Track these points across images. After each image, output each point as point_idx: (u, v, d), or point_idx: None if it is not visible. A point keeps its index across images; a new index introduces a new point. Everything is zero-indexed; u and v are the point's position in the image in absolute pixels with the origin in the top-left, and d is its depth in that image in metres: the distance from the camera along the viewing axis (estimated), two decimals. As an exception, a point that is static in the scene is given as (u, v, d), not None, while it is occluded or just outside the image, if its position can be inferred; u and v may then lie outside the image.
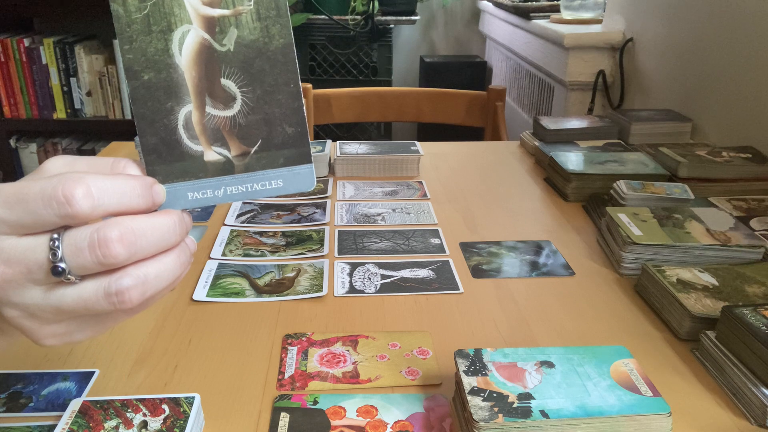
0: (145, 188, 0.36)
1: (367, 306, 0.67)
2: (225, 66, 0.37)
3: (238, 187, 0.38)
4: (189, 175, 0.38)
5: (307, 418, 0.50)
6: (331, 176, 1.05)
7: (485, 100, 1.56)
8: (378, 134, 2.70)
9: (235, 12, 0.37)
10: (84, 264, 0.33)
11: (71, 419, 0.47)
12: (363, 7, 2.42)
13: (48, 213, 0.33)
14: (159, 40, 0.36)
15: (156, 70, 0.37)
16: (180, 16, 0.36)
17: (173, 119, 0.37)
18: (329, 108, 1.58)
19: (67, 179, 0.33)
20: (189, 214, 0.38)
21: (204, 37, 0.37)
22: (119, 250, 0.33)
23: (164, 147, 0.37)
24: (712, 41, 1.19)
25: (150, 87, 0.37)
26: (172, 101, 0.37)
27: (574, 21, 1.80)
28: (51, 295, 0.34)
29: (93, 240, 0.33)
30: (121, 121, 2.34)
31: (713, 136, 1.17)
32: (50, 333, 0.36)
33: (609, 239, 0.78)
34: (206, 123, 0.38)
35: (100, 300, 0.34)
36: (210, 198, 0.38)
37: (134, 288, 0.34)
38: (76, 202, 0.32)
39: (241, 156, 0.38)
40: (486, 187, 1.02)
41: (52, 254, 0.33)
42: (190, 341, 0.61)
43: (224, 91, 0.38)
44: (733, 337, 0.54)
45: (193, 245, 0.39)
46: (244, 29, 0.37)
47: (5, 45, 2.26)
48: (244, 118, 0.38)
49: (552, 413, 0.44)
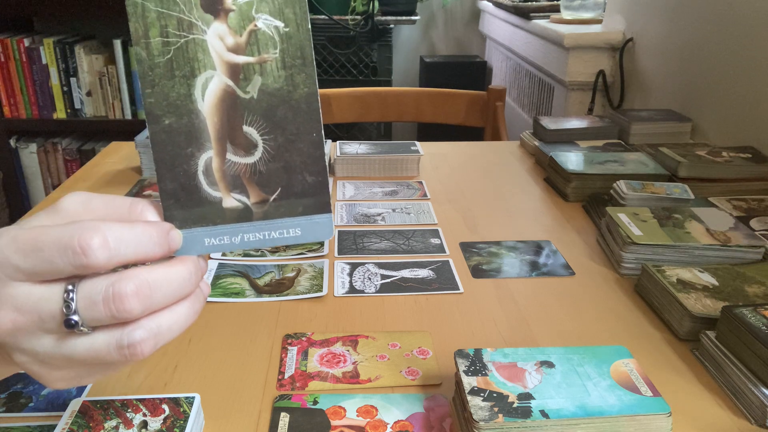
0: (162, 236, 0.35)
1: (367, 306, 0.67)
2: (248, 113, 0.37)
3: (256, 235, 0.38)
4: (206, 221, 0.37)
5: (307, 418, 0.50)
6: (331, 176, 1.05)
7: (485, 100, 1.56)
8: (378, 134, 2.70)
9: (260, 60, 0.37)
10: (98, 317, 0.33)
11: (71, 419, 0.47)
12: (363, 7, 2.42)
13: (63, 262, 0.32)
14: (182, 85, 0.36)
15: (177, 115, 0.36)
16: (204, 61, 0.36)
17: (193, 165, 0.37)
18: (329, 108, 1.58)
19: (84, 229, 0.32)
20: (205, 260, 0.38)
21: (228, 83, 0.37)
22: (134, 305, 0.33)
23: (183, 192, 0.37)
24: (712, 41, 1.19)
25: (171, 132, 0.36)
26: (193, 147, 0.37)
27: (574, 21, 1.80)
28: (62, 344, 0.34)
29: (108, 294, 0.32)
30: (121, 121, 2.34)
31: (713, 136, 1.17)
32: (59, 377, 0.36)
33: (609, 239, 0.78)
34: (226, 169, 0.37)
35: (111, 352, 0.34)
36: (227, 245, 0.38)
37: (147, 341, 0.34)
38: (92, 252, 0.32)
39: (260, 203, 0.38)
40: (486, 187, 1.02)
41: (66, 306, 0.33)
42: (190, 341, 0.61)
43: (246, 138, 0.37)
44: (733, 337, 0.54)
45: (207, 289, 0.38)
46: (269, 77, 0.37)
47: (5, 45, 2.25)
48: (264, 165, 0.38)
49: (552, 413, 0.44)
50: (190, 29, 0.36)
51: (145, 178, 1.03)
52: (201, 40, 0.36)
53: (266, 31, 0.36)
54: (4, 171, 2.41)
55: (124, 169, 1.08)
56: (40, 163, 2.42)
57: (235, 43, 0.36)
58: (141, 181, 1.02)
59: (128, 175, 1.05)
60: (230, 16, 0.36)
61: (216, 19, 0.36)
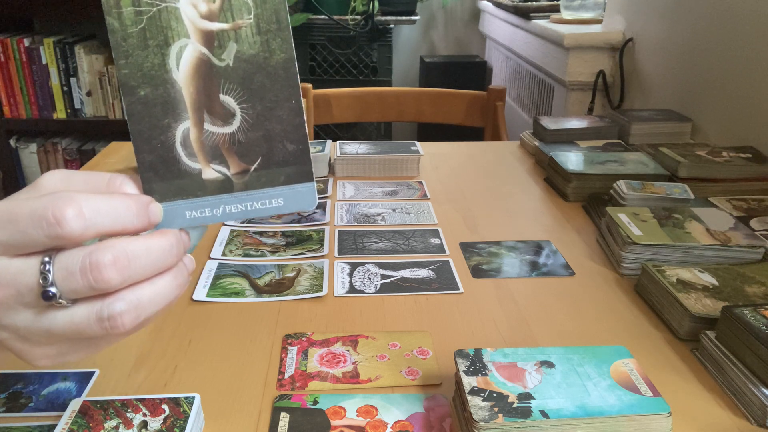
0: (140, 207, 0.35)
1: (367, 306, 0.67)
2: (224, 81, 0.36)
3: (237, 206, 0.37)
4: (187, 194, 0.37)
5: (307, 418, 0.50)
6: (331, 176, 1.05)
7: (485, 100, 1.56)
8: (378, 134, 2.70)
9: (234, 26, 0.36)
10: (75, 288, 0.32)
11: (71, 419, 0.47)
12: (363, 7, 2.42)
13: (38, 234, 0.32)
14: (155, 55, 0.35)
15: (152, 86, 0.36)
16: (177, 30, 0.35)
17: (170, 136, 0.36)
18: (329, 108, 1.58)
19: (58, 199, 0.32)
20: (187, 234, 0.37)
21: (202, 51, 0.36)
22: (112, 275, 0.32)
23: (161, 164, 0.36)
24: (712, 41, 1.19)
25: (146, 103, 0.36)
26: (170, 118, 0.36)
27: (574, 21, 1.80)
28: (42, 318, 0.33)
29: (85, 264, 0.32)
30: (121, 121, 2.34)
31: (713, 136, 1.17)
32: (42, 354, 0.36)
33: (609, 239, 0.78)
34: (204, 140, 0.37)
35: (92, 325, 0.33)
36: (208, 217, 0.37)
37: (127, 313, 0.33)
38: (66, 222, 0.31)
39: (241, 174, 0.37)
40: (486, 187, 1.02)
41: (43, 278, 0.32)
42: (190, 341, 0.61)
43: (223, 108, 0.37)
44: (733, 337, 0.54)
45: (191, 264, 0.38)
46: (244, 43, 0.36)
47: (5, 45, 2.25)
48: (243, 135, 0.37)
49: (552, 413, 0.44)
50: None
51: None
52: (173, 8, 0.35)
53: None
54: (4, 171, 2.41)
55: (124, 169, 1.08)
56: (40, 163, 2.42)
57: (209, 10, 0.36)
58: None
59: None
60: None
61: None
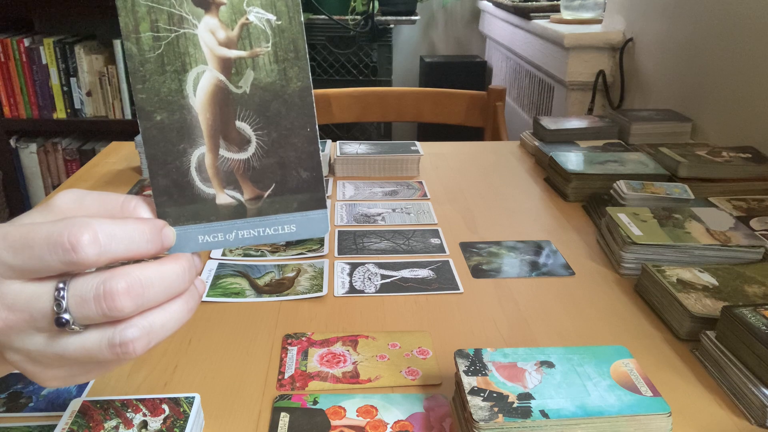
0: (154, 233, 0.35)
1: (367, 306, 0.67)
2: (240, 108, 0.36)
3: (250, 231, 0.38)
4: (200, 218, 0.37)
5: (307, 418, 0.50)
6: (331, 176, 1.05)
7: (485, 100, 1.56)
8: (378, 134, 2.70)
9: (252, 53, 0.36)
10: (89, 315, 0.33)
11: (71, 419, 0.47)
12: (363, 7, 2.42)
13: (53, 259, 0.32)
14: (173, 81, 0.36)
15: (169, 111, 0.36)
16: (195, 56, 0.36)
17: (186, 161, 0.37)
18: (329, 108, 1.58)
19: (73, 225, 0.32)
20: (199, 258, 0.37)
21: (219, 78, 0.36)
22: (126, 303, 0.32)
23: (176, 189, 0.37)
24: (712, 41, 1.19)
25: (162, 128, 0.36)
26: (185, 143, 0.36)
27: (574, 21, 1.80)
28: (54, 342, 0.34)
29: (99, 292, 0.32)
30: (121, 121, 2.34)
31: (713, 136, 1.17)
32: (53, 376, 0.36)
33: (609, 239, 0.78)
34: (219, 166, 0.37)
35: (103, 350, 0.33)
36: (221, 242, 0.37)
37: (139, 339, 0.33)
38: (81, 248, 0.32)
39: (254, 200, 0.37)
40: (486, 187, 1.02)
41: (57, 305, 0.32)
42: (190, 341, 0.61)
43: (239, 134, 0.37)
44: (733, 337, 0.54)
45: (202, 287, 0.38)
46: (261, 71, 0.36)
47: (5, 45, 2.25)
48: (258, 161, 0.37)
49: (552, 413, 0.44)
50: (181, 23, 0.35)
51: (145, 178, 1.03)
52: (192, 34, 0.35)
53: (258, 24, 0.36)
54: (4, 171, 2.41)
55: (124, 169, 1.08)
56: (40, 163, 2.42)
57: (227, 37, 0.36)
58: (141, 181, 1.02)
59: (128, 175, 1.05)
60: (221, 9, 0.35)
61: (207, 13, 0.35)
